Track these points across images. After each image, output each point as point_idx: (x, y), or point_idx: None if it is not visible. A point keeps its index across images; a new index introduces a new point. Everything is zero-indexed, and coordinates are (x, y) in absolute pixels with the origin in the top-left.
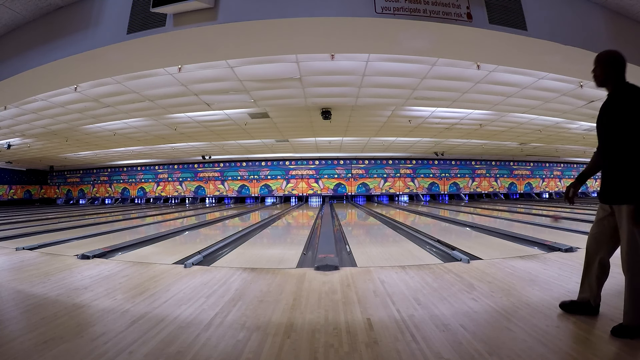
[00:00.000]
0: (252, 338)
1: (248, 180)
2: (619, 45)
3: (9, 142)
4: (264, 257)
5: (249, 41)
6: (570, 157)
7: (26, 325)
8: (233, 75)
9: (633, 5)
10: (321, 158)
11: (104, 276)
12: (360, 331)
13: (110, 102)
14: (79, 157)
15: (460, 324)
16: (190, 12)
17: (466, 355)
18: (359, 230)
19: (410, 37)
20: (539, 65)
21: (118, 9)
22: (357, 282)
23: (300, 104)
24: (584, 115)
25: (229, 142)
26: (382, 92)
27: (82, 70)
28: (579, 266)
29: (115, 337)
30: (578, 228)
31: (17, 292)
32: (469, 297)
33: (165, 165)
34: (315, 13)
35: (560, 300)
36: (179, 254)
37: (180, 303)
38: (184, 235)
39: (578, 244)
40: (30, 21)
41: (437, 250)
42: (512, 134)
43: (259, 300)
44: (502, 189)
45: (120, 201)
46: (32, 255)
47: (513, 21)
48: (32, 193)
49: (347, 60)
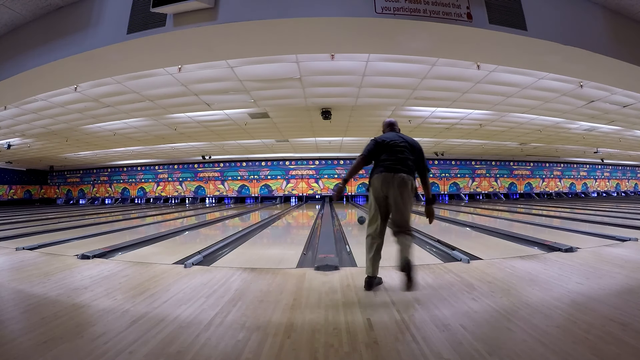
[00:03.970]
0: (252, 338)
1: (248, 180)
2: (619, 45)
3: (9, 142)
4: (264, 257)
5: (249, 41)
6: (570, 157)
7: (26, 325)
8: (233, 75)
9: (633, 5)
10: (321, 158)
11: (104, 276)
12: (360, 331)
13: (110, 102)
14: (79, 157)
15: (460, 324)
16: (190, 12)
17: (466, 355)
18: (359, 230)
19: (410, 37)
20: (539, 65)
21: (118, 9)
22: (357, 282)
23: (300, 104)
24: (584, 115)
25: (229, 142)
26: (382, 92)
27: (82, 70)
28: (579, 266)
29: (115, 337)
30: (578, 228)
31: (17, 292)
32: (469, 297)
33: (165, 165)
34: (315, 13)
35: (560, 300)
36: (179, 254)
37: (180, 303)
38: (184, 235)
39: (578, 244)
40: (30, 21)
41: (437, 250)
42: (512, 134)
43: (259, 300)
44: (502, 189)
45: (120, 201)
46: (32, 255)
47: (513, 21)
48: (32, 193)
49: (347, 60)
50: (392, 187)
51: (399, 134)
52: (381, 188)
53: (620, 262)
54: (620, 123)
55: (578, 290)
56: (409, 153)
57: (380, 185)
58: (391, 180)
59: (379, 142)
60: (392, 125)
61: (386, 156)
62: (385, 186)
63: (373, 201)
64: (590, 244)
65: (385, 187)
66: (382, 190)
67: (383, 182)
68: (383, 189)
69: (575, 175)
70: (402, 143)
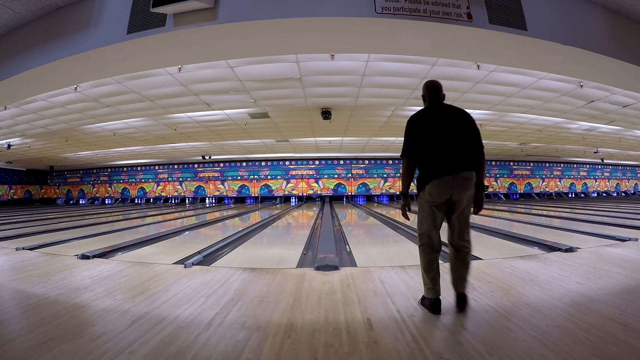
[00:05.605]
0: (252, 338)
1: (248, 180)
2: (619, 45)
3: (9, 142)
4: (264, 257)
5: (249, 41)
6: (570, 157)
7: (26, 325)
8: (233, 75)
9: (633, 6)
10: (321, 158)
11: (104, 276)
12: (360, 331)
13: (110, 102)
14: (79, 157)
15: (460, 324)
16: (190, 12)
17: (466, 355)
18: (359, 230)
19: (410, 37)
20: (539, 65)
21: (118, 9)
22: (357, 282)
23: (300, 104)
24: (584, 115)
25: (229, 142)
26: (382, 92)
27: (82, 70)
28: (579, 266)
29: (115, 337)
30: (578, 228)
31: (17, 292)
32: (469, 297)
33: (165, 165)
34: (316, 13)
35: (560, 300)
36: (179, 254)
37: (180, 303)
38: (184, 235)
39: (578, 244)
40: (30, 21)
41: None
42: (512, 134)
43: (259, 300)
44: (502, 189)
45: (120, 201)
46: (32, 255)
47: (513, 21)
48: (32, 193)
49: (347, 60)
50: (456, 192)
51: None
52: (439, 195)
53: (620, 262)
54: (620, 123)
55: (578, 290)
56: (462, 134)
57: (439, 192)
58: (452, 184)
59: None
60: (436, 91)
61: (436, 147)
62: (446, 192)
63: (427, 206)
64: (590, 244)
65: (445, 193)
66: (440, 197)
67: (443, 190)
68: (442, 195)
69: (575, 175)
70: (452, 122)
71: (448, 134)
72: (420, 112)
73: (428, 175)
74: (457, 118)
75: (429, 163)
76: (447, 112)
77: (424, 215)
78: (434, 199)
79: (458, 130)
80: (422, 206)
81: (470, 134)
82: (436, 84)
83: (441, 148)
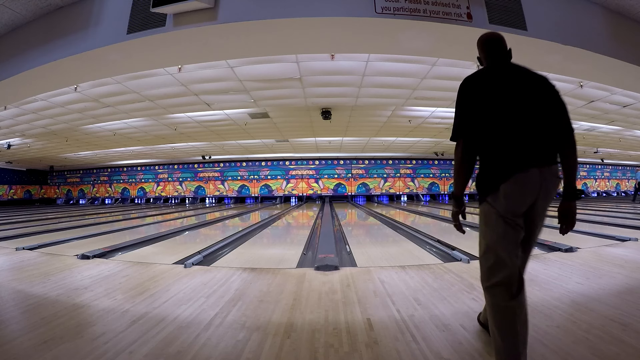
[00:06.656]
0: (252, 338)
1: (248, 180)
2: (619, 45)
3: (9, 142)
4: (264, 257)
5: (249, 41)
6: None
7: (26, 325)
8: (233, 75)
9: (633, 6)
10: (321, 158)
11: (104, 276)
12: (360, 331)
13: (110, 102)
14: (79, 157)
15: (460, 324)
16: (190, 12)
17: (466, 355)
18: (359, 230)
19: (410, 37)
20: (539, 65)
21: (118, 9)
22: (357, 282)
23: (300, 104)
24: (584, 115)
25: (229, 142)
26: (382, 92)
27: (82, 70)
28: (579, 266)
29: (115, 337)
30: (578, 228)
31: (17, 292)
32: (469, 297)
33: (165, 165)
34: (315, 13)
35: (560, 300)
36: (179, 254)
37: (180, 303)
38: (184, 235)
39: (578, 244)
40: (30, 21)
41: (437, 250)
42: None
43: (259, 300)
44: None
45: (120, 201)
46: (32, 255)
47: (513, 21)
48: (32, 193)
49: (347, 60)
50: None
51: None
52: (523, 199)
53: (620, 262)
54: (620, 123)
55: (578, 290)
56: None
57: (522, 195)
58: (540, 182)
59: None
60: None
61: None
62: (531, 195)
63: (501, 221)
64: (590, 244)
65: (530, 196)
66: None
67: (528, 191)
68: (526, 199)
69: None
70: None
71: (524, 105)
72: (478, 72)
73: (503, 167)
74: (535, 85)
75: (504, 147)
76: (520, 74)
77: (494, 235)
78: (514, 206)
79: (536, 102)
80: (491, 219)
81: (553, 110)
82: (495, 36)
83: (520, 125)
